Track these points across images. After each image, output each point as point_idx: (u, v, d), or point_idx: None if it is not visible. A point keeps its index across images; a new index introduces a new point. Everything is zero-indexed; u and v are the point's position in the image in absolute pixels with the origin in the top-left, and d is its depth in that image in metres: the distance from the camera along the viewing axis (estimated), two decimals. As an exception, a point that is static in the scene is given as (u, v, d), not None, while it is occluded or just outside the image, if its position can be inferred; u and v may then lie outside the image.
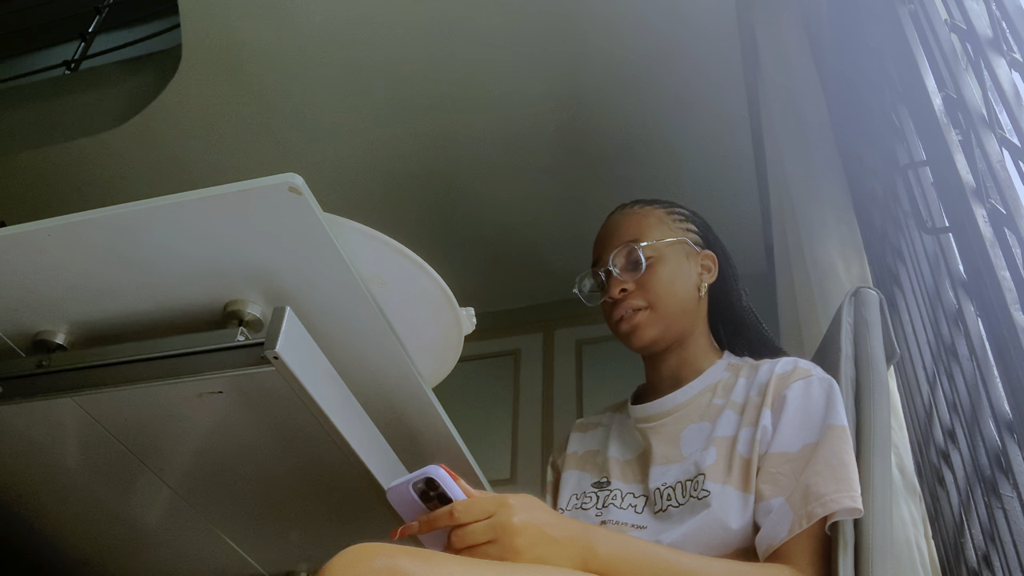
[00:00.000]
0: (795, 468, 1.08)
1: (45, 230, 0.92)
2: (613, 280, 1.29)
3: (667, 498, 1.15)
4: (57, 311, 1.02)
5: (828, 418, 1.10)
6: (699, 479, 1.12)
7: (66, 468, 1.12)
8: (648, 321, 1.27)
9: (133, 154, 2.48)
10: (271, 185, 0.89)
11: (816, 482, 1.04)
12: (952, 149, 1.18)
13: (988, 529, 1.11)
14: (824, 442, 1.08)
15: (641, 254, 1.29)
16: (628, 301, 1.27)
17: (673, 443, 1.21)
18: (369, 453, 1.07)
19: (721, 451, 1.14)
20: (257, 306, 1.02)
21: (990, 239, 1.05)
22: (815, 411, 1.12)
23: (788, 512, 1.04)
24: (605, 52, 2.22)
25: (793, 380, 1.16)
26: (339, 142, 2.45)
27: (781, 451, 1.10)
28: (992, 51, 1.12)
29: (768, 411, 1.14)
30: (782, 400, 1.14)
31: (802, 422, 1.11)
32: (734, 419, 1.18)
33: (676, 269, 1.29)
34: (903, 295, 1.55)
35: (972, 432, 1.16)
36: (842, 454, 1.06)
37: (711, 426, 1.19)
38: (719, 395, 1.24)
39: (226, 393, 0.99)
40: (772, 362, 1.23)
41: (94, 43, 3.57)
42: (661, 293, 1.27)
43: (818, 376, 1.16)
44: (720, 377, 1.27)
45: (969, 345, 1.18)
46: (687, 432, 1.21)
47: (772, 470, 1.09)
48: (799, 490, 1.05)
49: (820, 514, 1.01)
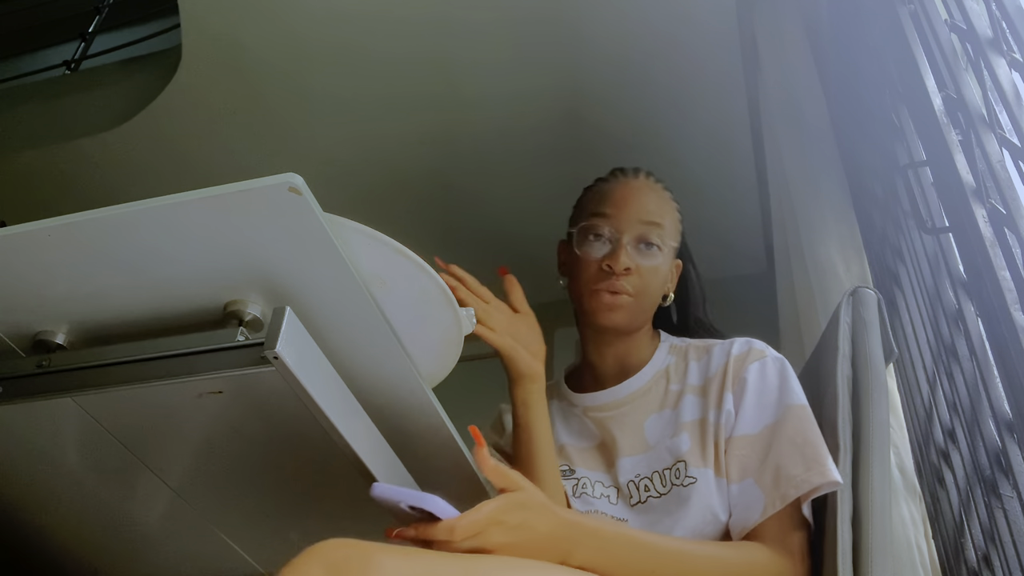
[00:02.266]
0: (758, 449, 1.11)
1: (45, 230, 0.92)
2: (623, 252, 1.26)
3: (645, 489, 1.15)
4: (57, 311, 1.02)
5: (786, 398, 1.14)
6: (680, 466, 1.14)
7: (66, 468, 1.11)
8: (628, 308, 1.26)
9: (133, 154, 2.47)
10: (271, 185, 0.89)
11: (785, 464, 1.07)
12: (952, 149, 1.18)
13: (988, 529, 1.11)
14: (784, 422, 1.11)
15: (660, 248, 1.29)
16: (623, 281, 1.26)
17: (637, 433, 1.22)
18: (369, 453, 1.07)
19: (693, 436, 1.16)
20: (257, 306, 1.01)
21: (990, 239, 1.05)
22: (771, 392, 1.16)
23: (759, 494, 1.07)
24: (604, 50, 2.22)
25: (750, 362, 1.20)
26: (339, 141, 2.45)
27: (744, 434, 1.14)
28: (992, 51, 1.11)
29: (730, 395, 1.18)
30: (742, 383, 1.18)
31: (760, 403, 1.15)
32: (697, 402, 1.20)
33: (664, 272, 1.31)
34: (903, 295, 1.55)
35: (972, 432, 1.16)
36: (805, 432, 1.09)
37: (674, 413, 1.21)
38: (674, 381, 1.26)
39: (226, 393, 0.99)
40: (724, 343, 1.26)
41: (94, 43, 3.56)
42: (648, 289, 1.28)
43: (771, 356, 1.21)
44: (667, 362, 1.29)
45: (969, 345, 1.18)
46: (649, 422, 1.23)
47: (738, 452, 1.13)
48: (769, 471, 1.08)
49: (793, 495, 1.05)
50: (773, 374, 1.18)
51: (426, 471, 1.22)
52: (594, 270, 1.28)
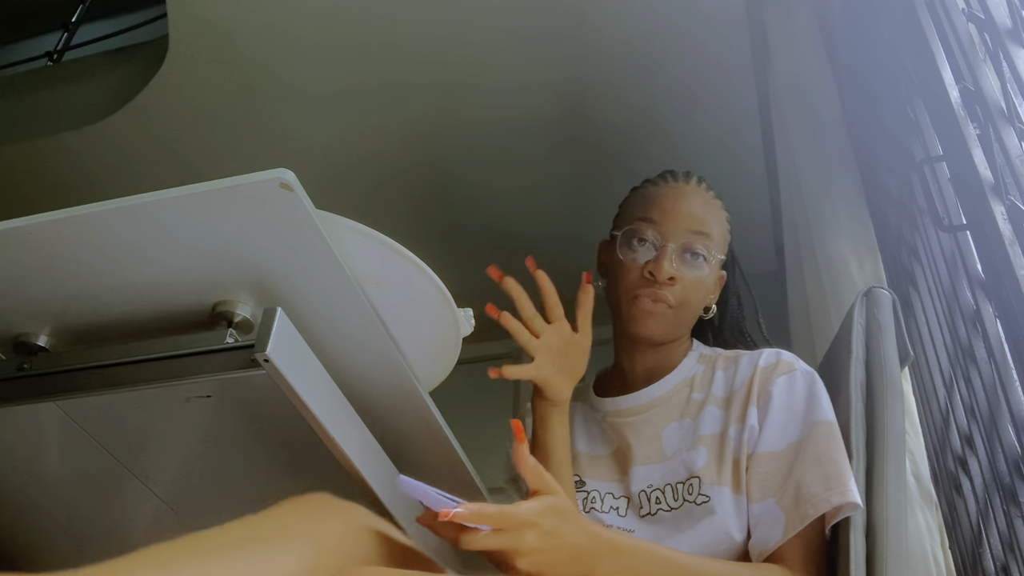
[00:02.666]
0: (782, 467, 1.08)
1: (26, 228, 0.90)
2: (667, 260, 1.22)
3: (656, 501, 1.13)
4: (39, 312, 1.01)
5: (812, 414, 1.11)
6: (693, 482, 1.11)
7: (48, 475, 1.11)
8: (666, 319, 1.23)
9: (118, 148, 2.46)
10: (261, 181, 0.87)
11: (806, 482, 1.04)
12: (970, 143, 1.16)
13: (1007, 538, 1.09)
14: (810, 440, 1.08)
15: (706, 259, 1.26)
16: (665, 290, 1.22)
17: (654, 442, 1.20)
18: (363, 459, 1.05)
19: (711, 451, 1.14)
20: (247, 307, 1.00)
21: (1009, 237, 1.03)
22: (798, 408, 1.13)
23: (779, 515, 1.05)
24: (609, 40, 2.19)
25: (777, 375, 1.16)
26: (332, 135, 2.43)
27: (768, 450, 1.11)
28: (1011, 41, 1.09)
29: (754, 409, 1.14)
30: (767, 397, 1.15)
31: (787, 420, 1.12)
32: (718, 415, 1.18)
33: (708, 285, 1.28)
34: (919, 295, 1.53)
35: (990, 438, 1.14)
36: (830, 451, 1.06)
37: (693, 424, 1.18)
38: (697, 390, 1.23)
39: (215, 397, 0.98)
40: (753, 354, 1.22)
41: (77, 33, 3.54)
42: (689, 302, 1.25)
43: (801, 370, 1.17)
44: (695, 371, 1.26)
45: (987, 347, 1.15)
46: (668, 430, 1.20)
47: (760, 470, 1.10)
48: (790, 491, 1.05)
49: (812, 516, 1.02)
50: (801, 389, 1.14)
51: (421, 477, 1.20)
52: (635, 276, 1.25)
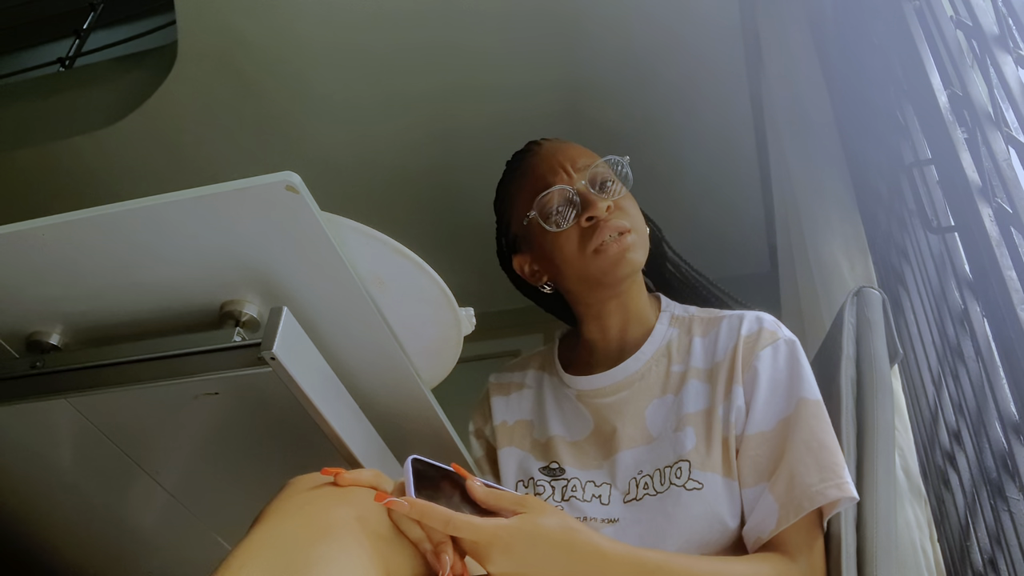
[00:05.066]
0: (773, 447, 1.05)
1: (39, 229, 0.92)
2: (593, 196, 1.15)
3: (644, 487, 1.08)
4: (51, 311, 1.02)
5: (798, 390, 1.07)
6: (682, 466, 1.06)
7: (60, 470, 1.11)
8: (636, 244, 1.16)
9: (128, 152, 2.46)
10: (268, 184, 0.88)
11: (799, 471, 1.00)
12: (958, 147, 1.17)
13: (994, 532, 1.09)
14: (799, 419, 1.04)
15: (613, 177, 1.19)
16: (613, 221, 1.14)
17: (638, 423, 1.13)
18: (367, 455, 1.06)
19: (699, 431, 1.08)
20: (254, 306, 1.01)
21: (996, 238, 1.03)
22: (783, 381, 1.08)
23: (773, 504, 1.01)
24: (606, 46, 2.21)
25: (761, 347, 1.11)
26: (337, 138, 2.44)
27: (757, 431, 1.06)
28: (998, 48, 1.10)
29: (740, 388, 1.09)
30: (753, 374, 1.09)
31: (773, 395, 1.08)
32: (703, 390, 1.12)
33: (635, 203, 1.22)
34: (908, 295, 1.54)
35: (978, 434, 1.15)
36: (820, 434, 1.02)
37: (676, 400, 1.12)
38: (676, 361, 1.17)
39: (222, 394, 0.98)
40: (732, 318, 1.17)
41: (89, 40, 3.55)
42: (637, 219, 1.18)
43: (784, 338, 1.13)
44: (669, 336, 1.19)
45: (975, 346, 1.16)
46: (651, 408, 1.14)
47: (751, 453, 1.05)
48: (783, 479, 1.01)
49: (808, 508, 0.99)
50: (785, 360, 1.10)
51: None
52: (578, 236, 1.16)
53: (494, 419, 1.25)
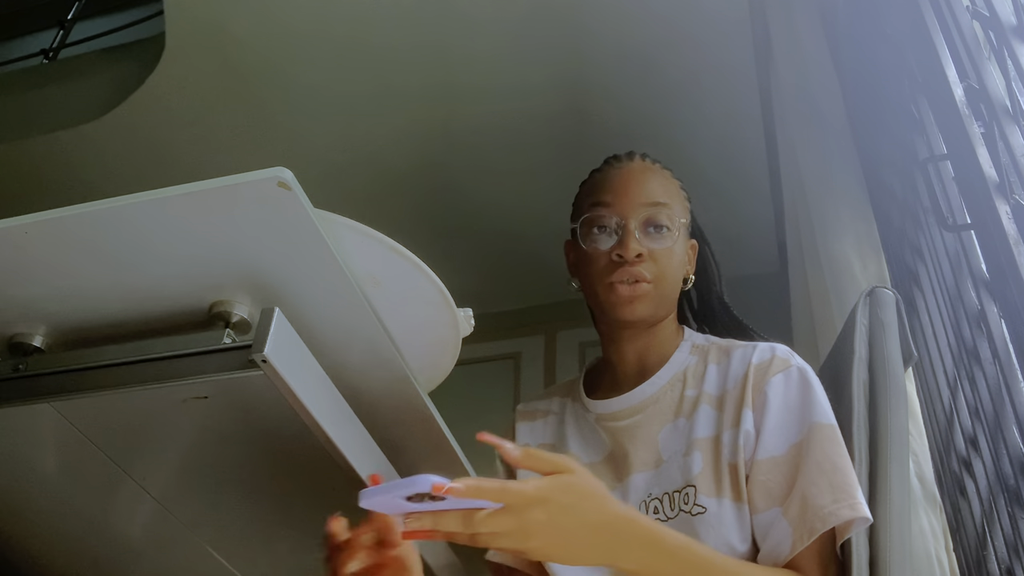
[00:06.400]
0: (785, 473, 1.05)
1: (22, 227, 0.90)
2: (631, 238, 1.19)
3: (654, 511, 1.09)
4: (34, 312, 1.01)
5: (811, 415, 1.07)
6: (688, 491, 1.07)
7: (44, 477, 1.10)
8: (648, 297, 1.19)
9: (115, 147, 2.45)
10: (259, 180, 0.87)
11: (812, 493, 1.01)
12: (974, 142, 1.15)
13: (1012, 541, 1.08)
14: (811, 443, 1.04)
15: (670, 228, 1.22)
16: (638, 268, 1.18)
17: (651, 447, 1.15)
18: (361, 461, 1.05)
19: (706, 457, 1.09)
20: (244, 307, 1.00)
21: (1014, 236, 1.02)
22: (795, 407, 1.09)
23: (787, 528, 1.01)
24: (610, 41, 2.19)
25: (772, 374, 1.12)
26: (330, 134, 2.43)
27: (768, 456, 1.07)
28: (1016, 39, 1.10)
29: (749, 412, 1.10)
30: (763, 399, 1.10)
31: (785, 421, 1.08)
32: (712, 416, 1.13)
33: (679, 254, 1.24)
34: (923, 295, 1.53)
35: (995, 439, 1.13)
36: (834, 457, 1.03)
37: (688, 424, 1.14)
38: (690, 386, 1.19)
39: (212, 398, 0.98)
40: (746, 348, 1.18)
41: (73, 31, 3.53)
42: (667, 273, 1.21)
43: (797, 366, 1.13)
44: (687, 363, 1.22)
45: (992, 348, 1.15)
46: (664, 433, 1.16)
47: (762, 478, 1.06)
48: (796, 502, 1.02)
49: (820, 529, 0.99)
50: (797, 386, 1.11)
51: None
52: (604, 263, 1.21)
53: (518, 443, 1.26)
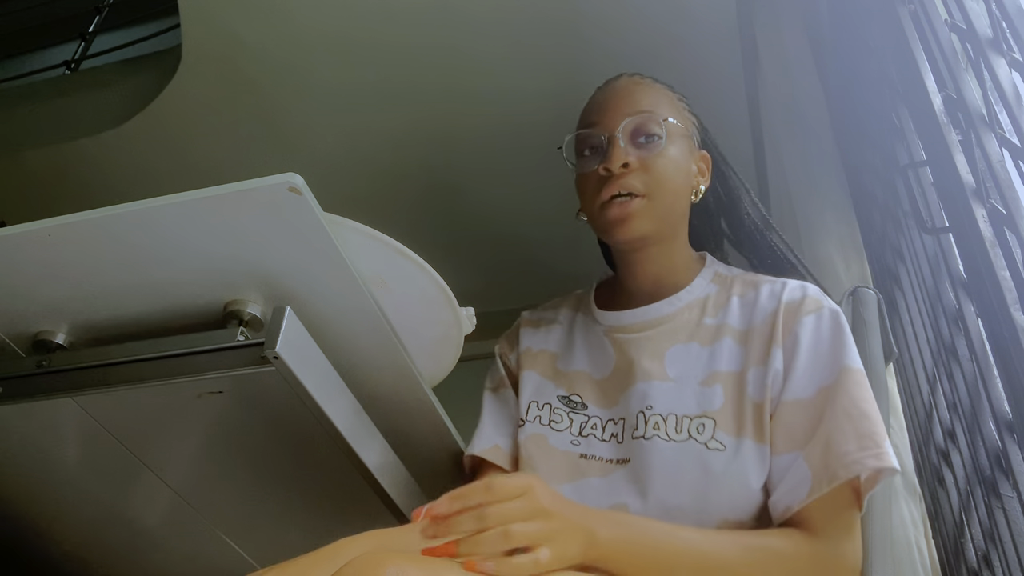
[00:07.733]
0: (811, 416, 0.99)
1: (45, 230, 0.92)
2: (617, 150, 1.09)
3: (654, 427, 1.02)
4: (57, 311, 1.02)
5: (842, 358, 1.02)
6: (706, 423, 1.01)
7: (66, 468, 1.11)
8: (642, 212, 1.09)
9: (134, 154, 2.47)
10: (271, 185, 0.89)
11: (837, 439, 0.95)
12: (952, 149, 1.17)
13: (988, 529, 1.09)
14: (840, 387, 0.99)
15: (660, 136, 1.11)
16: (626, 180, 1.09)
17: (656, 360, 1.09)
18: (369, 453, 1.07)
19: (728, 392, 1.03)
20: (257, 306, 1.02)
21: (990, 239, 1.03)
22: (826, 349, 1.03)
23: (807, 472, 0.95)
24: (604, 49, 2.21)
25: (804, 314, 1.06)
26: (341, 141, 2.44)
27: (795, 398, 1.00)
28: (992, 51, 1.10)
29: (779, 351, 1.04)
30: (794, 339, 1.04)
31: (815, 363, 1.02)
32: (736, 351, 1.07)
33: (680, 160, 1.14)
34: (903, 295, 1.54)
35: (972, 432, 1.15)
36: (861, 402, 0.97)
37: (706, 352, 1.08)
38: (710, 314, 1.11)
39: (226, 393, 0.99)
40: (775, 283, 1.12)
41: (94, 43, 3.56)
42: (663, 182, 1.11)
43: (829, 308, 1.08)
44: (708, 291, 1.14)
45: (969, 345, 1.16)
46: (673, 351, 1.09)
47: (787, 419, 0.99)
48: (818, 446, 0.96)
49: (843, 477, 0.93)
50: (829, 329, 1.05)
51: (425, 471, 1.22)
52: (593, 183, 1.11)
53: (520, 346, 1.23)
